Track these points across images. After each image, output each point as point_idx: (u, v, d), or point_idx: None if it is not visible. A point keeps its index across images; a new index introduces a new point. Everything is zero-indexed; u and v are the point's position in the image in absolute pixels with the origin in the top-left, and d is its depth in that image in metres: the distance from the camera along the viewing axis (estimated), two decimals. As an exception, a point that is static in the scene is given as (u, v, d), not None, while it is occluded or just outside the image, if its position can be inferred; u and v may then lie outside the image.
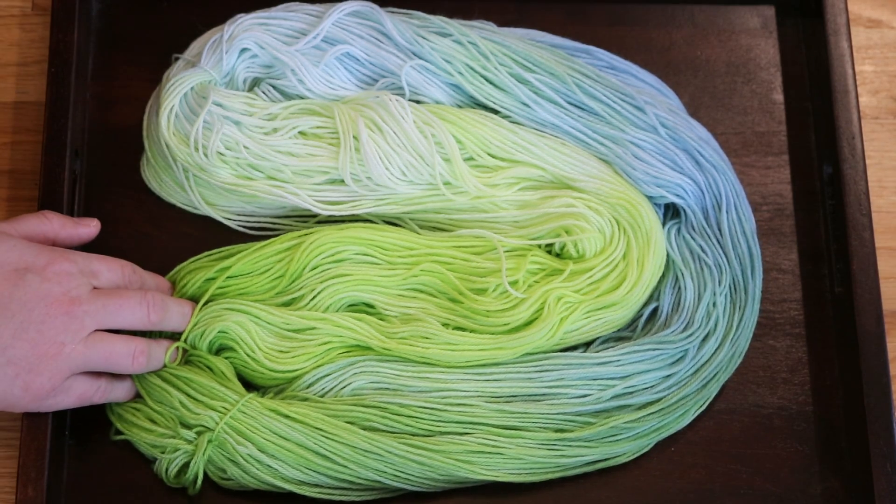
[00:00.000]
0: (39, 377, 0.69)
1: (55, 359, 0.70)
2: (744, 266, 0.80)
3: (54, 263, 0.71)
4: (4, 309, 0.68)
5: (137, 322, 0.73)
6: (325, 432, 0.74)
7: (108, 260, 0.74)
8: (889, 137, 0.87)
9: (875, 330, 0.78)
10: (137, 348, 0.73)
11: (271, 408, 0.75)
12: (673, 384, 0.78)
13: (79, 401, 0.73)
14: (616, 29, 0.88)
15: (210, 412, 0.74)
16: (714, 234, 0.81)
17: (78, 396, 0.72)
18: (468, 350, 0.77)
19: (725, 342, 0.79)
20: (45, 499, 0.74)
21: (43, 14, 0.87)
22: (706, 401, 0.79)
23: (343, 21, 0.82)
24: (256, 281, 0.79)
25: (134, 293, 0.73)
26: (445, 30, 0.82)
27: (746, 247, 0.81)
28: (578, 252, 0.80)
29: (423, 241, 0.80)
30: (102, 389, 0.74)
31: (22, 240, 0.72)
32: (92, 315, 0.71)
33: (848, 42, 0.84)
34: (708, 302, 0.79)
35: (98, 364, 0.72)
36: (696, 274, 0.80)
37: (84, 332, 0.71)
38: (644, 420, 0.77)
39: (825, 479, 0.78)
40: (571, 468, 0.76)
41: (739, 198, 0.82)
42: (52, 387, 0.70)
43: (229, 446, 0.74)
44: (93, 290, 0.72)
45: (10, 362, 0.69)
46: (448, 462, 0.74)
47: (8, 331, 0.68)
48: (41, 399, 0.70)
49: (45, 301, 0.69)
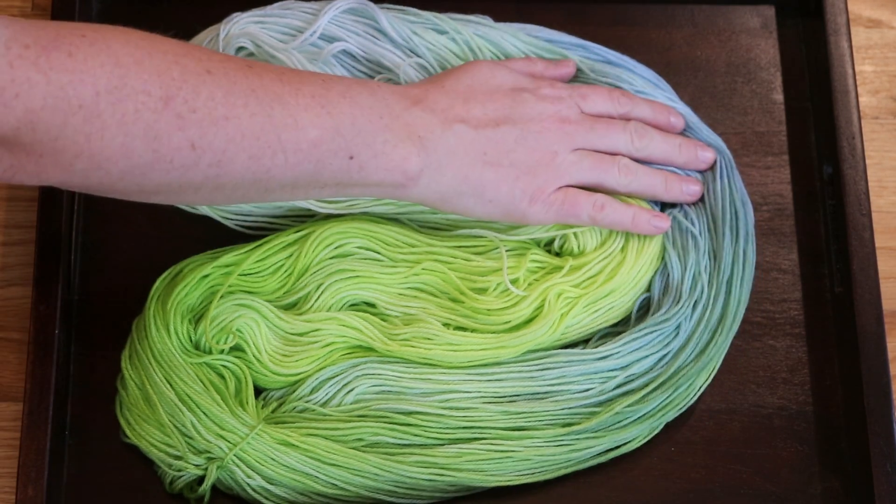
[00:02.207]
0: (536, 179, 0.76)
1: (549, 165, 0.76)
2: (727, 226, 0.80)
3: (545, 87, 0.79)
4: (507, 118, 0.76)
5: (622, 147, 0.79)
6: (336, 464, 0.74)
7: (595, 87, 0.81)
8: (889, 137, 0.87)
9: (875, 330, 0.78)
10: (622, 161, 0.79)
11: (281, 440, 0.74)
12: (669, 358, 0.78)
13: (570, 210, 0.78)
14: (616, 29, 0.88)
15: (220, 441, 0.74)
16: (708, 202, 0.81)
17: (571, 206, 0.77)
18: (470, 350, 0.77)
19: (709, 302, 0.79)
20: (45, 499, 0.74)
21: (43, 14, 0.87)
22: (710, 372, 0.78)
23: (339, 18, 0.82)
24: (266, 281, 0.79)
25: (619, 120, 0.80)
26: (440, 27, 0.82)
27: (733, 209, 0.80)
28: (579, 247, 0.80)
29: (425, 240, 0.80)
30: (601, 204, 0.78)
31: (515, 70, 0.80)
32: (581, 134, 0.78)
33: (848, 42, 0.84)
34: (693, 272, 0.79)
35: (587, 175, 0.78)
36: (682, 249, 0.80)
37: (573, 147, 0.78)
38: (647, 399, 0.77)
39: (825, 479, 0.79)
40: (583, 461, 0.76)
41: (732, 170, 0.82)
42: (546, 190, 0.76)
43: (237, 476, 0.74)
44: (581, 113, 0.79)
45: (513, 164, 0.76)
46: (459, 476, 0.75)
47: (511, 137, 0.76)
48: (535, 201, 0.76)
49: (541, 116, 0.77)
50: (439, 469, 0.75)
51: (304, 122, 0.69)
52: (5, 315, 0.81)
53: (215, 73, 0.67)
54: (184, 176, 0.67)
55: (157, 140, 0.65)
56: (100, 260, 0.82)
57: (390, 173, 0.72)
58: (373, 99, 0.72)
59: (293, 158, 0.69)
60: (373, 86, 0.73)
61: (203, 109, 0.66)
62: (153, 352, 0.76)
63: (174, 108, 0.65)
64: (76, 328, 0.80)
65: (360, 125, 0.71)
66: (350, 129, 0.71)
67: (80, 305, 0.81)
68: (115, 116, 0.64)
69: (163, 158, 0.66)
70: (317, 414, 0.76)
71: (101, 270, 0.82)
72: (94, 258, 0.82)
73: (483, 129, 0.75)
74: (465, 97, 0.75)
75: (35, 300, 0.78)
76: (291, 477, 0.74)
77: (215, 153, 0.67)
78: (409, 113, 0.73)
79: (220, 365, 0.77)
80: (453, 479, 0.75)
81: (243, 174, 0.69)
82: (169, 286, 0.78)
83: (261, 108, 0.68)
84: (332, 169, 0.71)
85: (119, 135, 0.64)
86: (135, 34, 0.66)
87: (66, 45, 0.63)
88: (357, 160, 0.71)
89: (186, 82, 0.66)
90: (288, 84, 0.70)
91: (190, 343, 0.77)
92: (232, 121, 0.67)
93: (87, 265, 0.82)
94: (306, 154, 0.70)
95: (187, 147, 0.66)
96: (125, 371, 0.78)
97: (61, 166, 0.64)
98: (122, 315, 0.80)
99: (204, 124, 0.66)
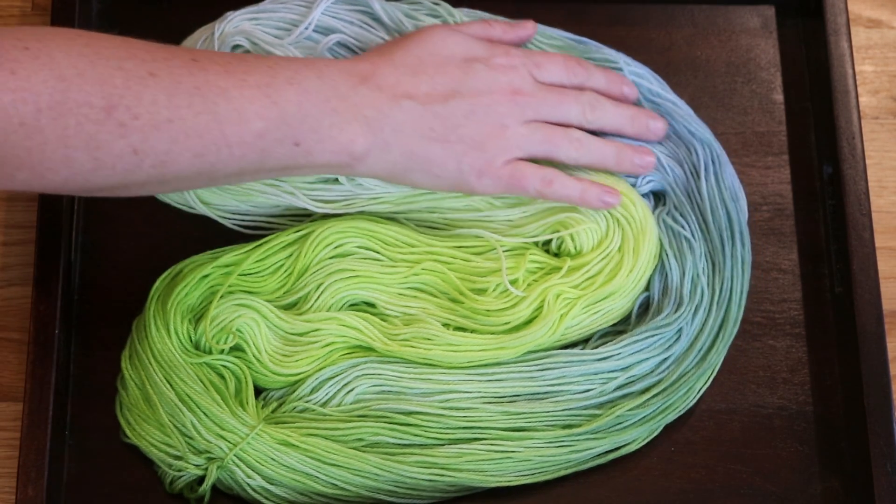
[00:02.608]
0: (485, 153, 0.75)
1: (498, 139, 0.75)
2: (721, 230, 0.80)
3: (498, 56, 0.77)
4: (456, 92, 0.75)
5: (574, 118, 0.78)
6: (336, 464, 0.74)
7: (550, 54, 0.80)
8: (889, 137, 0.87)
9: (875, 330, 0.78)
10: (574, 134, 0.78)
11: (281, 440, 0.74)
12: (671, 363, 0.78)
13: (517, 183, 0.76)
14: (616, 29, 0.88)
15: (220, 441, 0.74)
16: (696, 203, 0.81)
17: (518, 179, 0.76)
18: (470, 350, 0.77)
19: (711, 308, 0.79)
20: (45, 499, 0.74)
21: (43, 14, 0.87)
22: (710, 375, 0.79)
23: (332, 8, 0.82)
24: (266, 281, 0.79)
25: (572, 91, 0.79)
26: (436, 11, 0.83)
27: (725, 212, 0.80)
28: (576, 247, 0.80)
29: (424, 240, 0.80)
30: (549, 178, 0.77)
31: (469, 36, 0.78)
32: (533, 106, 0.77)
33: (848, 42, 0.84)
34: (692, 275, 0.79)
35: (537, 149, 0.77)
36: (678, 252, 0.80)
37: (524, 119, 0.77)
38: (648, 403, 0.77)
39: (825, 479, 0.79)
40: (582, 462, 0.77)
41: (721, 166, 0.81)
42: (494, 164, 0.76)
43: (238, 476, 0.74)
44: (534, 83, 0.78)
45: (460, 140, 0.75)
46: (459, 476, 0.75)
47: (460, 111, 0.75)
48: (483, 175, 0.76)
49: (491, 88, 0.76)
50: (439, 469, 0.75)
51: (250, 114, 0.69)
52: (5, 315, 0.81)
53: (159, 74, 0.67)
54: (127, 177, 0.68)
55: (98, 149, 0.66)
56: (100, 260, 0.82)
57: (337, 155, 0.72)
58: (320, 82, 0.72)
59: (238, 151, 0.70)
60: (321, 66, 0.73)
61: (146, 115, 0.66)
62: (153, 352, 0.76)
63: (116, 116, 0.66)
64: (76, 328, 0.80)
65: (307, 111, 0.71)
66: (296, 117, 0.71)
67: (80, 305, 0.81)
68: (57, 131, 0.64)
69: (104, 165, 0.67)
70: (317, 414, 0.76)
71: (101, 270, 0.82)
72: (94, 258, 0.82)
73: (431, 105, 0.74)
74: (414, 70, 0.75)
75: (35, 300, 0.78)
76: (291, 477, 0.74)
77: (158, 155, 0.67)
78: (357, 92, 0.73)
79: (220, 365, 0.77)
80: (453, 480, 0.75)
81: (187, 170, 0.69)
82: (169, 286, 0.78)
83: (205, 106, 0.68)
84: (278, 156, 0.71)
85: (60, 147, 0.65)
86: (78, 40, 0.66)
87: (9, 61, 0.63)
88: (303, 146, 0.71)
89: (129, 89, 0.66)
90: (233, 76, 0.70)
91: (190, 343, 0.77)
92: (176, 122, 0.67)
93: (87, 265, 0.82)
94: (251, 146, 0.70)
95: (129, 153, 0.67)
96: (125, 371, 0.78)
97: (3, 177, 0.65)
98: (122, 315, 0.80)
99: (146, 129, 0.66)
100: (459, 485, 0.75)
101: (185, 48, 0.71)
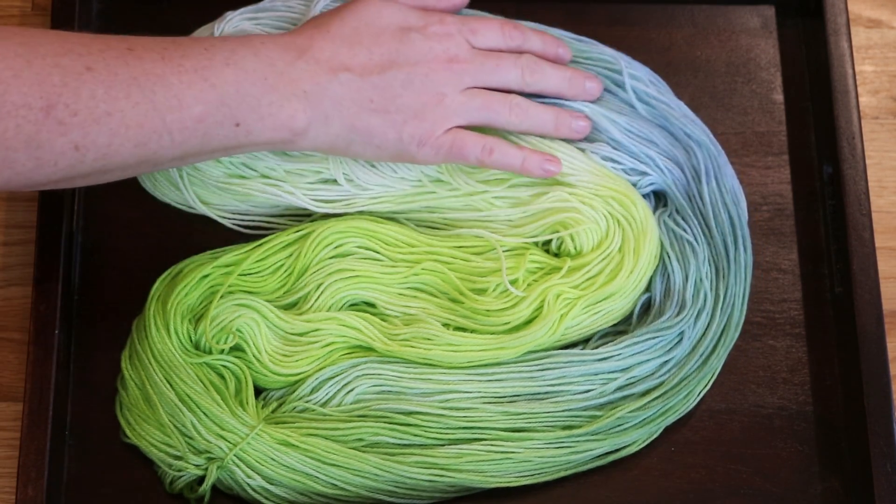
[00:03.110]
0: (424, 122, 0.75)
1: (437, 107, 0.76)
2: (724, 235, 0.80)
3: (434, 24, 0.77)
4: (393, 63, 0.75)
5: (513, 83, 0.78)
6: (336, 464, 0.75)
7: (485, 20, 0.79)
8: (889, 137, 0.87)
9: (875, 330, 0.78)
10: (513, 100, 0.78)
11: (281, 440, 0.74)
12: (673, 366, 0.78)
13: (458, 152, 0.77)
14: (616, 29, 0.88)
15: (220, 441, 0.74)
16: (697, 208, 0.81)
17: (459, 148, 0.76)
18: (470, 351, 0.77)
19: (715, 313, 0.79)
20: (45, 499, 0.74)
21: (43, 14, 0.87)
22: (710, 378, 0.79)
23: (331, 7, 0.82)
24: (266, 281, 0.79)
25: (509, 55, 0.78)
26: None
27: (727, 216, 0.80)
28: (576, 247, 0.80)
29: (424, 240, 0.80)
30: (489, 147, 0.77)
31: (404, 5, 0.78)
32: (471, 73, 0.77)
33: (848, 42, 0.84)
34: (695, 279, 0.79)
35: (476, 116, 0.77)
36: (680, 254, 0.80)
37: (462, 87, 0.76)
38: (649, 406, 0.77)
39: (825, 479, 0.79)
40: (582, 464, 0.77)
41: (720, 168, 0.81)
42: (434, 132, 0.76)
43: (238, 476, 0.74)
44: (471, 49, 0.77)
45: (399, 110, 0.75)
46: (459, 476, 0.75)
47: (397, 81, 0.75)
48: (423, 144, 0.76)
49: (427, 57, 0.76)
50: (439, 470, 0.75)
51: (188, 100, 0.69)
52: (5, 315, 0.81)
53: (95, 68, 0.67)
54: (69, 172, 0.68)
55: (39, 148, 0.66)
56: (100, 260, 0.82)
57: (277, 132, 0.72)
58: (256, 60, 0.72)
59: (179, 137, 0.70)
60: (256, 44, 0.73)
61: (85, 111, 0.66)
62: (153, 352, 0.76)
63: (56, 115, 0.66)
64: (76, 328, 0.80)
65: (245, 91, 0.71)
66: (234, 98, 0.71)
67: (80, 305, 0.81)
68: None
69: (46, 163, 0.67)
70: (317, 414, 0.76)
71: (101, 270, 0.82)
72: (94, 258, 0.82)
73: (369, 76, 0.74)
74: (350, 42, 0.74)
75: (35, 300, 0.78)
76: (291, 477, 0.74)
77: (100, 149, 0.68)
78: (294, 68, 0.73)
79: (220, 365, 0.77)
80: (453, 480, 0.75)
81: (130, 159, 0.69)
82: (169, 286, 0.78)
83: (143, 96, 0.68)
84: (219, 137, 0.71)
85: (0, 150, 0.65)
86: (14, 39, 0.66)
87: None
88: (244, 126, 0.71)
89: (66, 86, 0.66)
90: (170, 62, 0.69)
91: (190, 343, 0.77)
92: (115, 115, 0.67)
93: (87, 265, 0.82)
94: (192, 131, 0.70)
95: (71, 149, 0.67)
96: (125, 371, 0.78)
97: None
98: (122, 315, 0.80)
99: (86, 125, 0.66)
100: (459, 485, 0.75)
101: (121, 37, 0.71)
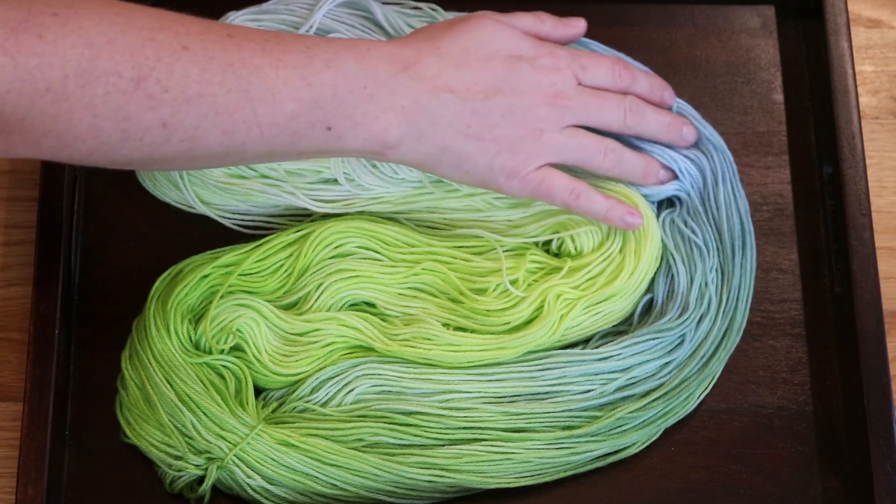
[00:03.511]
0: (517, 156, 0.75)
1: (533, 142, 0.75)
2: (734, 239, 0.80)
3: (544, 56, 0.76)
4: (498, 91, 0.74)
5: (614, 124, 0.78)
6: (336, 464, 0.74)
7: (597, 57, 0.79)
8: (889, 137, 0.87)
9: (875, 330, 0.78)
10: (609, 146, 0.77)
11: (281, 440, 0.74)
12: (673, 368, 0.78)
13: (545, 191, 0.76)
14: (616, 29, 0.88)
15: (220, 441, 0.74)
16: (710, 212, 0.81)
17: (548, 188, 0.76)
18: (470, 351, 0.77)
19: (718, 316, 0.79)
20: (45, 499, 0.74)
21: (43, 14, 0.87)
22: (710, 381, 0.79)
23: (334, 11, 0.82)
24: (266, 281, 0.79)
25: (614, 96, 0.78)
26: (436, 18, 0.82)
27: (739, 221, 0.80)
28: (577, 249, 0.80)
29: (424, 240, 0.80)
30: (577, 192, 0.77)
31: (518, 31, 0.77)
32: (573, 111, 0.76)
33: (848, 42, 0.84)
34: (700, 283, 0.79)
35: (571, 156, 0.76)
36: (687, 257, 0.80)
37: (563, 124, 0.76)
38: (649, 407, 0.77)
39: (825, 479, 0.79)
40: (582, 465, 0.77)
41: (734, 174, 0.82)
42: (526, 168, 0.75)
43: (238, 476, 0.74)
44: (577, 87, 0.77)
45: (495, 139, 0.74)
46: (459, 477, 0.75)
47: (498, 110, 0.74)
48: (512, 177, 0.75)
49: (532, 90, 0.75)
50: (439, 470, 0.75)
51: (283, 95, 0.68)
52: (5, 315, 0.81)
53: (192, 48, 0.66)
54: (155, 151, 0.67)
55: (126, 120, 0.65)
56: (100, 260, 0.82)
57: (368, 142, 0.72)
58: (359, 67, 0.71)
59: (269, 132, 0.69)
60: (362, 50, 0.72)
61: (176, 88, 0.66)
62: (153, 352, 0.76)
63: (146, 88, 0.65)
64: (76, 328, 0.80)
65: (342, 96, 0.70)
66: (330, 101, 0.70)
67: (80, 305, 0.81)
68: (84, 99, 0.63)
69: (132, 136, 0.66)
70: (317, 414, 0.76)
71: (101, 270, 0.82)
72: (94, 258, 0.82)
73: (470, 101, 0.73)
74: (458, 63, 0.73)
75: (35, 300, 0.78)
76: (291, 477, 0.74)
77: (187, 130, 0.67)
78: (396, 81, 0.72)
79: (220, 365, 0.77)
80: (453, 481, 0.75)
81: (216, 148, 0.68)
82: (169, 286, 0.78)
83: (237, 84, 0.67)
84: (309, 139, 0.70)
85: (87, 116, 0.64)
86: (111, 8, 0.65)
87: (37, 26, 0.62)
88: (335, 131, 0.70)
89: (160, 61, 0.65)
90: (269, 54, 0.69)
91: (190, 343, 0.77)
92: (206, 98, 0.66)
93: (87, 265, 0.82)
94: (282, 127, 0.69)
95: (158, 126, 0.66)
96: (125, 371, 0.78)
97: (29, 144, 0.64)
98: (122, 315, 0.80)
99: (176, 103, 0.66)
100: (459, 486, 0.75)
101: (223, 24, 0.70)
